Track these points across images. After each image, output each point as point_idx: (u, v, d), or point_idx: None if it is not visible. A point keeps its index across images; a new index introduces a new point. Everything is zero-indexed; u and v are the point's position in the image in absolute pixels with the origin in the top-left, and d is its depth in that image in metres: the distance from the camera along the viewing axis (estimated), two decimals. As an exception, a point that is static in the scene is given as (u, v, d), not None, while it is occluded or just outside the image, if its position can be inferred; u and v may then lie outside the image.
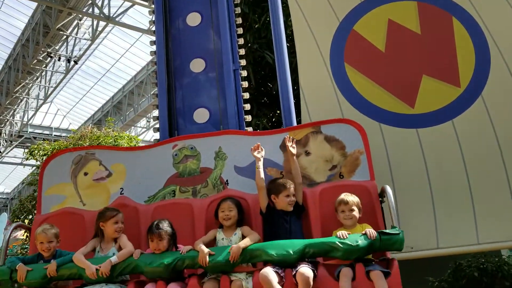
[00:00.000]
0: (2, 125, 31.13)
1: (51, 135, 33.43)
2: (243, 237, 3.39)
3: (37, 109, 30.10)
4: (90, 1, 20.81)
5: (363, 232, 3.14)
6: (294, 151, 3.68)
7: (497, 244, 4.32)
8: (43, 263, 3.42)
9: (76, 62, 24.09)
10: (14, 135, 31.21)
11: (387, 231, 3.13)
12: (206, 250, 3.20)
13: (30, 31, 24.23)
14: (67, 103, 33.70)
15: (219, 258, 3.14)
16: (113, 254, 3.39)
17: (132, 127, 32.42)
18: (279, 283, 2.98)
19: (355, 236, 3.11)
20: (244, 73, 4.88)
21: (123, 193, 3.98)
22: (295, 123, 4.57)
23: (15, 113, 30.30)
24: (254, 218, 3.64)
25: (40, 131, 32.94)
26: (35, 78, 27.53)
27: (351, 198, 3.41)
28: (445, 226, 4.24)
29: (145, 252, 3.42)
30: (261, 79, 6.68)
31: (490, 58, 4.51)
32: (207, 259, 3.15)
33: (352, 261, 3.12)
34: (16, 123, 31.47)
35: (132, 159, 4.12)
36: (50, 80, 27.42)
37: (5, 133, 31.61)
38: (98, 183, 4.07)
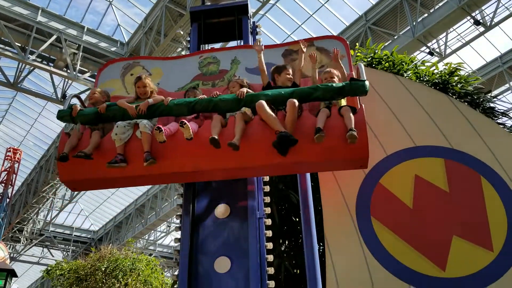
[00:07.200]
0: (25, 223, 31.42)
1: (72, 235, 33.45)
2: None
3: (61, 209, 30.52)
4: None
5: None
6: (304, 50, 4.68)
7: None
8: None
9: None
10: (35, 233, 31.30)
11: (356, 79, 4.12)
12: (218, 92, 4.32)
13: (64, 135, 25.40)
14: (91, 204, 34.14)
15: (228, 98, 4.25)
16: None
17: (152, 231, 32.24)
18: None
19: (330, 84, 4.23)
20: (268, 210, 4.84)
21: (159, 86, 5.08)
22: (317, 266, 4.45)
23: (39, 211, 30.72)
24: None
25: (61, 231, 33.02)
26: (64, 179, 28.15)
27: (335, 71, 4.50)
28: None
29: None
30: (285, 215, 6.64)
31: (523, 221, 4.35)
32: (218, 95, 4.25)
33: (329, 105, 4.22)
34: (39, 221, 31.73)
35: (167, 65, 5.35)
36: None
37: (27, 231, 31.74)
38: None
